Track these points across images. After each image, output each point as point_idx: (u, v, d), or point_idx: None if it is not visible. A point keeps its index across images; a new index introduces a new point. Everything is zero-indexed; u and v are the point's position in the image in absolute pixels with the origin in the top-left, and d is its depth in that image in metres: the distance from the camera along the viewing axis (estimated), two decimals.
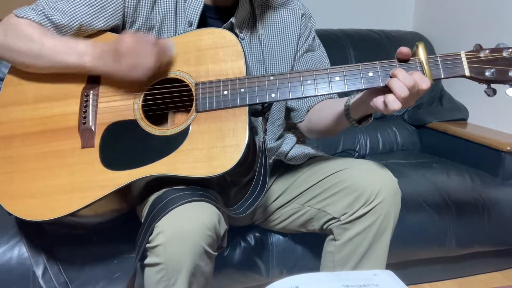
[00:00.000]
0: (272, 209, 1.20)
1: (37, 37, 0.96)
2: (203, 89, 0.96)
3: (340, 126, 1.10)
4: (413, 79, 0.86)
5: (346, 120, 1.02)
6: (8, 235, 1.14)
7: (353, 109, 1.00)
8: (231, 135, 0.92)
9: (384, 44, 2.16)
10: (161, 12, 1.05)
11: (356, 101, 0.99)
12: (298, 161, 1.19)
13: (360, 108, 0.99)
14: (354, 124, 1.02)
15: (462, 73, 0.90)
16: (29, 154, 0.97)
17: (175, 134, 0.95)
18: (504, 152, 1.68)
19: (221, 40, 0.98)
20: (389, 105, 0.87)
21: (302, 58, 1.19)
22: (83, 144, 0.97)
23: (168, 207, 0.87)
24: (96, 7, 1.00)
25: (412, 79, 0.86)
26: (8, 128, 1.00)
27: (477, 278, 1.66)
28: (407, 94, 0.86)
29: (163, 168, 0.92)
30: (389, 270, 0.73)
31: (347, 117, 1.02)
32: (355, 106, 1.00)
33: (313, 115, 1.18)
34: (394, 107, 0.87)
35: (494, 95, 0.90)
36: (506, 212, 1.59)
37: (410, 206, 1.46)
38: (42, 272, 1.07)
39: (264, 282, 1.29)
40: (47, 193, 0.94)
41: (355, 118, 1.01)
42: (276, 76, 0.95)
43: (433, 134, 2.02)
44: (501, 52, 0.89)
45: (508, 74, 0.89)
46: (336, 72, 0.94)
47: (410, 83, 0.86)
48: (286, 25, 1.16)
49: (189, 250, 0.85)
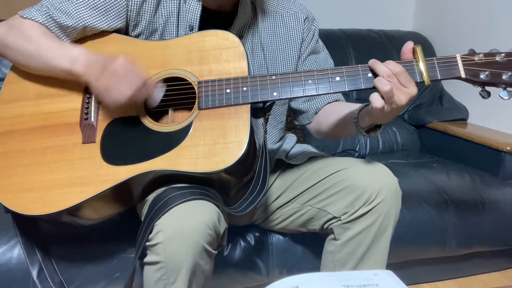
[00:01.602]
0: (273, 209, 1.20)
1: (35, 38, 0.97)
2: (206, 87, 0.97)
3: (348, 131, 1.10)
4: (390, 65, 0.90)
5: (355, 127, 1.02)
6: (8, 235, 1.14)
7: (362, 118, 1.01)
8: (233, 132, 0.93)
9: (384, 44, 2.16)
10: (164, 15, 1.05)
11: (364, 111, 1.00)
12: (298, 160, 1.19)
13: (368, 117, 0.99)
14: (362, 133, 1.02)
15: (458, 75, 0.93)
16: (28, 149, 0.97)
17: (177, 131, 0.95)
18: (504, 152, 1.68)
19: (224, 42, 1.00)
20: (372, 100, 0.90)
21: (306, 60, 1.19)
22: (84, 140, 0.97)
23: (168, 206, 0.87)
24: (100, 9, 1.00)
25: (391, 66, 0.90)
26: (9, 124, 1.00)
27: (477, 278, 1.66)
28: (388, 72, 0.89)
29: (165, 164, 0.92)
30: (389, 270, 0.73)
31: (355, 124, 1.02)
32: (363, 114, 1.00)
33: (322, 119, 1.18)
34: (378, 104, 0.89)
35: (488, 97, 0.93)
36: (506, 212, 1.59)
37: (410, 206, 1.46)
38: (37, 271, 1.07)
39: (264, 282, 1.29)
40: (46, 188, 0.94)
41: (363, 126, 1.01)
42: (278, 75, 0.97)
43: (433, 134, 2.03)
44: (494, 56, 0.93)
45: (502, 77, 0.92)
46: (336, 73, 0.95)
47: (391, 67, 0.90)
48: (289, 30, 1.16)
49: (189, 248, 0.85)
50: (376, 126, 1.01)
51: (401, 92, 0.90)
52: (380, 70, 0.91)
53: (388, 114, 0.92)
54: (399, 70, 0.90)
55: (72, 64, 0.95)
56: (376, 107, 0.89)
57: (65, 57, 0.96)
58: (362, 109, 1.00)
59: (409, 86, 0.90)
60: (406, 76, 0.90)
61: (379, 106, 0.89)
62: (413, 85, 0.91)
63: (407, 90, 0.90)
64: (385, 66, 0.91)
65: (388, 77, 0.89)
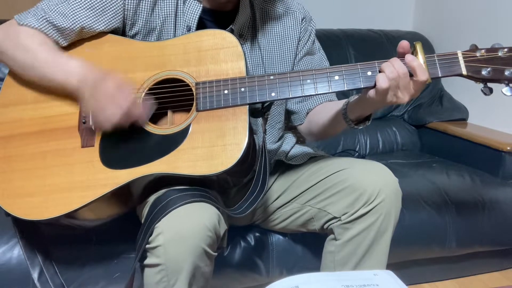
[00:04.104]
0: (273, 209, 1.20)
1: (32, 49, 0.97)
2: (203, 88, 0.96)
3: (338, 127, 1.10)
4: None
5: (343, 120, 1.03)
6: (8, 235, 1.14)
7: (350, 108, 1.01)
8: (232, 134, 0.92)
9: (384, 44, 2.16)
10: (161, 15, 1.05)
11: (354, 100, 1.00)
12: (298, 160, 1.19)
13: (357, 107, 1.00)
14: (351, 125, 1.02)
15: (459, 71, 0.91)
16: (28, 154, 0.97)
17: (175, 133, 0.95)
18: (504, 152, 1.68)
19: (221, 42, 0.99)
20: (377, 82, 0.89)
21: (301, 61, 1.19)
22: (83, 144, 0.97)
23: (168, 208, 0.87)
24: (97, 10, 1.00)
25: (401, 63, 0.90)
26: (8, 128, 1.00)
27: (477, 278, 1.66)
28: (395, 75, 0.88)
29: (164, 167, 0.92)
30: (389, 270, 0.73)
31: (344, 116, 1.02)
32: (352, 105, 1.01)
33: (312, 117, 1.19)
34: (382, 85, 0.88)
35: (490, 93, 0.91)
36: (506, 212, 1.59)
37: (410, 206, 1.46)
38: (38, 274, 1.07)
39: (264, 282, 1.28)
40: (46, 192, 0.94)
41: (352, 118, 1.01)
42: (276, 75, 0.96)
43: (433, 134, 2.03)
44: (496, 51, 0.91)
45: (504, 73, 0.89)
46: (335, 72, 0.94)
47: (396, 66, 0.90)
48: (286, 29, 1.16)
49: (189, 251, 0.85)
50: (364, 119, 1.01)
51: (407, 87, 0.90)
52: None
53: (384, 99, 0.92)
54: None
55: (67, 78, 0.95)
56: (381, 87, 0.89)
57: (60, 70, 0.96)
58: (351, 101, 1.00)
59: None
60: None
61: (384, 86, 0.88)
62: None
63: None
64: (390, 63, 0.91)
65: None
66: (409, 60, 0.89)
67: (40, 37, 0.98)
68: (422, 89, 0.93)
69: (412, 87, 0.90)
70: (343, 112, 1.02)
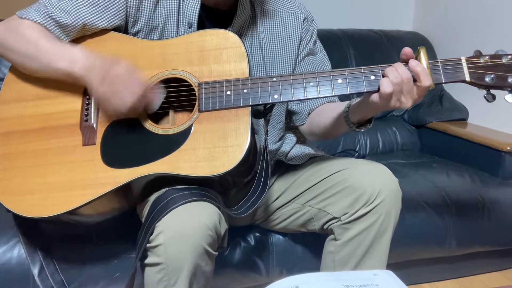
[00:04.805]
0: (273, 209, 1.20)
1: (34, 39, 0.96)
2: (206, 89, 0.96)
3: (340, 129, 1.10)
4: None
5: (345, 123, 1.03)
6: (8, 235, 1.14)
7: (352, 111, 1.01)
8: (234, 135, 0.92)
9: (384, 44, 2.16)
10: (164, 13, 1.05)
11: (356, 103, 1.00)
12: (298, 161, 1.19)
13: (359, 110, 1.00)
14: (353, 128, 1.02)
15: (463, 78, 0.92)
16: (28, 151, 0.97)
17: (177, 133, 0.95)
18: (504, 152, 1.68)
19: (224, 42, 0.99)
20: (381, 87, 0.89)
21: (303, 61, 1.19)
22: (84, 142, 0.97)
23: (169, 207, 0.87)
24: (100, 7, 1.00)
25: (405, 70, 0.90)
26: (8, 125, 1.00)
27: (477, 278, 1.66)
28: (399, 80, 0.88)
29: (165, 167, 0.92)
30: (389, 270, 0.74)
31: (345, 119, 1.02)
32: (355, 108, 1.00)
33: (314, 118, 1.19)
34: (386, 89, 0.88)
35: (493, 100, 0.92)
36: (506, 212, 1.59)
37: (410, 206, 1.46)
38: (39, 270, 1.07)
39: (264, 282, 1.28)
40: (47, 190, 0.94)
41: (353, 121, 1.01)
42: (279, 77, 0.96)
43: (433, 134, 2.03)
44: (500, 58, 0.91)
45: (507, 80, 0.90)
46: (338, 75, 0.94)
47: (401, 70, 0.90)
48: (288, 29, 1.15)
49: (189, 250, 0.85)
50: (366, 121, 1.01)
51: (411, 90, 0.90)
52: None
53: (387, 104, 0.91)
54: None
55: (71, 65, 0.94)
56: (385, 92, 0.89)
57: (64, 58, 0.95)
58: (353, 104, 1.00)
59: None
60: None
61: (388, 91, 0.88)
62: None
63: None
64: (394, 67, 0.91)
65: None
66: (413, 65, 0.90)
67: (42, 29, 0.98)
68: (425, 94, 0.93)
69: (416, 92, 0.90)
70: (345, 115, 1.02)
